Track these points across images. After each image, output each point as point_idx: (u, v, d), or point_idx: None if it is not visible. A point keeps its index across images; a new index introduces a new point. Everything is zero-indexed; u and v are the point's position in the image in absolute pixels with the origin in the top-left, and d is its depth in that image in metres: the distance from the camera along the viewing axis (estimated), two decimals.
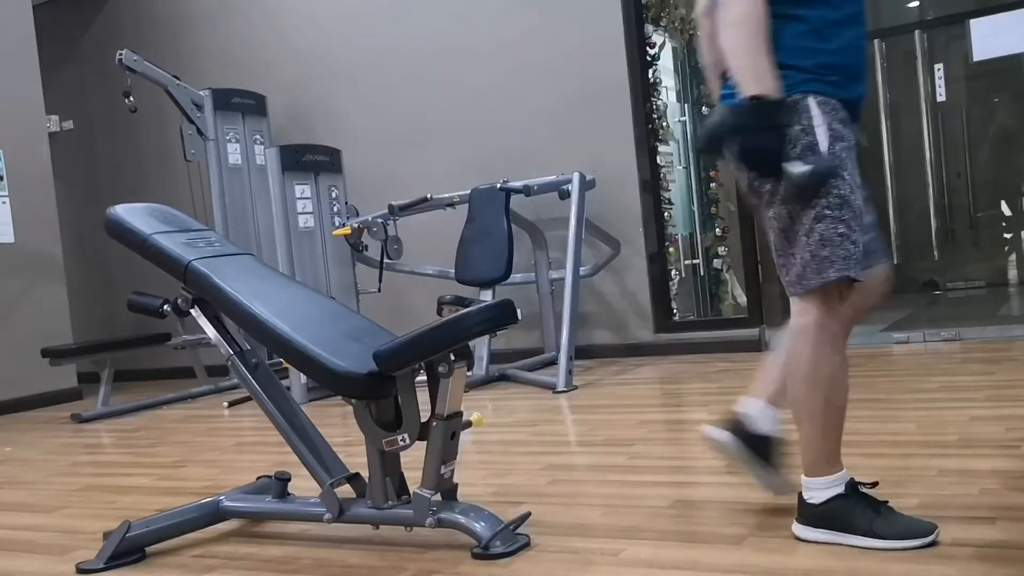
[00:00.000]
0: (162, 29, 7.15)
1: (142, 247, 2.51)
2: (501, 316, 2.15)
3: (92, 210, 7.14)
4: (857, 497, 1.94)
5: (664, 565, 1.97)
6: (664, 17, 6.12)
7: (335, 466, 2.38)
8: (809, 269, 1.89)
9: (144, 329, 5.91)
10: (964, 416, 3.06)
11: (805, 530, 1.98)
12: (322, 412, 4.52)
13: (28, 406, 6.10)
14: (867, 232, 1.97)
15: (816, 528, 1.96)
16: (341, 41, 6.46)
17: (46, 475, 3.84)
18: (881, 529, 1.89)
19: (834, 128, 1.89)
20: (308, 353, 2.22)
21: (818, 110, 1.89)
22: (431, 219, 5.62)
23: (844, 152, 1.89)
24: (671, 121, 6.15)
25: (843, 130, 1.91)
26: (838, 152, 1.88)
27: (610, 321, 5.74)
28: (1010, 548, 1.84)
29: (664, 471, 2.85)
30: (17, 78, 6.45)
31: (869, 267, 1.99)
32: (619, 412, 3.95)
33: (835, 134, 1.89)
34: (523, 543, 2.16)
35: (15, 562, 2.53)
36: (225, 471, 3.53)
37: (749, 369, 4.73)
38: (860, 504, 1.92)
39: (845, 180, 1.88)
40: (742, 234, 5.62)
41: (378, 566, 2.17)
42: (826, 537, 1.94)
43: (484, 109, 5.97)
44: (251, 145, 6.24)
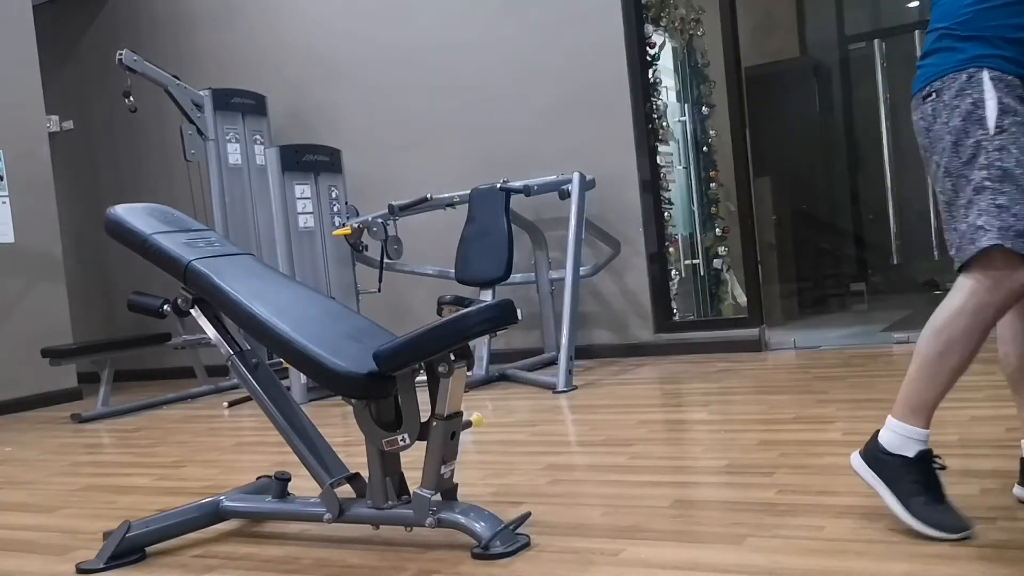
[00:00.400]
0: (162, 29, 7.15)
1: (142, 247, 2.51)
2: (501, 316, 2.15)
3: (92, 210, 7.15)
4: (920, 469, 1.96)
5: (664, 565, 1.97)
6: (664, 17, 6.12)
7: (335, 466, 2.38)
8: (965, 239, 1.90)
9: (144, 329, 5.92)
10: (964, 416, 3.06)
11: (860, 463, 2.04)
12: (322, 412, 4.52)
13: (28, 406, 6.10)
14: None
15: (870, 468, 2.02)
16: (341, 41, 6.46)
17: (46, 475, 3.84)
18: (916, 508, 1.93)
19: (1004, 103, 1.88)
20: (308, 353, 2.22)
21: (990, 84, 1.88)
22: (431, 219, 5.62)
23: (1015, 127, 1.88)
24: (671, 121, 6.15)
25: (1018, 106, 1.89)
26: (1007, 126, 1.87)
27: (610, 321, 5.74)
28: (1010, 548, 1.84)
29: (664, 471, 2.85)
30: (17, 78, 6.45)
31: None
32: (619, 412, 3.95)
33: (1005, 108, 1.88)
34: (523, 543, 2.16)
35: (15, 562, 2.53)
36: (225, 471, 3.53)
37: (749, 369, 4.75)
38: (916, 476, 1.96)
39: (1011, 153, 1.87)
40: (742, 234, 5.62)
41: (378, 566, 2.17)
42: (872, 480, 2.01)
43: (484, 109, 5.98)
44: (251, 145, 6.24)
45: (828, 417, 3.23)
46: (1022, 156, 1.88)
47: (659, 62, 5.94)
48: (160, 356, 6.62)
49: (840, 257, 7.74)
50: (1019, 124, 1.89)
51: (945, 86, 1.93)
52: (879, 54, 7.31)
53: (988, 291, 1.89)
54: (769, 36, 7.23)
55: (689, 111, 6.37)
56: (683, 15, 6.28)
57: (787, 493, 2.38)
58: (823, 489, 2.38)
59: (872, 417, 3.21)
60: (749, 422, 3.41)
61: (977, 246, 1.87)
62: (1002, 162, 1.87)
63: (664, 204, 5.83)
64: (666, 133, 5.98)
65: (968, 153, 1.90)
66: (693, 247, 6.31)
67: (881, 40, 7.41)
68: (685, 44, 6.37)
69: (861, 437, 2.92)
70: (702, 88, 6.32)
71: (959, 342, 1.93)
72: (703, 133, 6.28)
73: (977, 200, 1.88)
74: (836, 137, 7.81)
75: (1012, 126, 1.88)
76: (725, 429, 3.39)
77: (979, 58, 1.90)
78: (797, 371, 4.53)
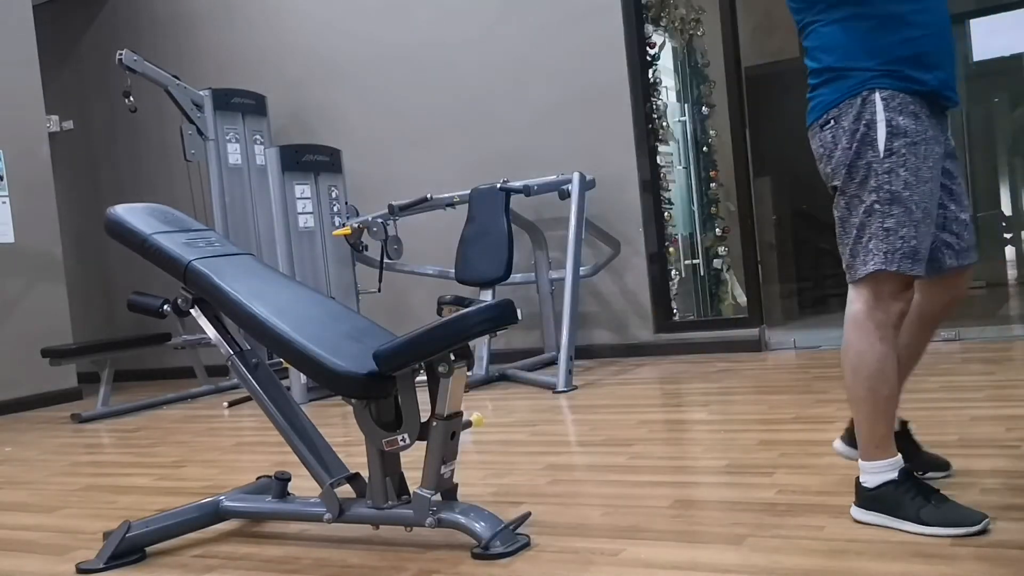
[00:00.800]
0: (162, 29, 7.15)
1: (142, 247, 2.51)
2: (501, 316, 2.15)
3: (92, 210, 7.14)
4: (909, 483, 1.98)
5: (664, 565, 1.97)
6: (664, 17, 6.12)
7: (335, 466, 2.38)
8: (857, 259, 1.99)
9: (144, 329, 5.91)
10: (964, 416, 3.06)
11: (861, 512, 2.04)
12: (322, 412, 4.52)
13: (28, 406, 6.10)
14: (939, 229, 2.03)
15: (869, 511, 2.02)
16: (341, 41, 6.46)
17: (46, 475, 3.84)
18: (928, 516, 1.93)
19: (894, 124, 1.93)
20: (308, 353, 2.22)
21: (881, 105, 1.93)
22: (431, 219, 5.62)
23: (904, 149, 1.93)
24: (671, 121, 6.15)
25: (908, 125, 1.93)
26: (896, 148, 1.92)
27: (610, 321, 5.74)
28: (1010, 548, 1.84)
29: (664, 471, 2.85)
30: (17, 78, 6.45)
31: (954, 266, 2.07)
32: (619, 412, 3.95)
33: (895, 130, 1.93)
34: (523, 543, 2.16)
35: (15, 562, 2.53)
36: (225, 471, 3.53)
37: (749, 369, 4.74)
38: (911, 491, 1.97)
39: (899, 176, 1.92)
40: (742, 234, 5.62)
41: (378, 566, 2.17)
42: (879, 520, 2.00)
43: (484, 109, 5.98)
44: (251, 145, 6.24)
45: (828, 417, 3.23)
46: (911, 178, 1.93)
47: (659, 62, 5.94)
48: (160, 356, 6.62)
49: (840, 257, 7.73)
50: (909, 145, 1.94)
51: (842, 112, 1.98)
52: None
53: (882, 311, 1.98)
54: (769, 36, 7.22)
55: (689, 111, 6.37)
56: (683, 15, 6.28)
57: (787, 493, 2.37)
58: (823, 489, 2.38)
59: None
60: (749, 422, 3.41)
61: (866, 269, 1.96)
62: (891, 185, 1.93)
63: (664, 204, 5.83)
64: (666, 133, 5.98)
65: (860, 175, 1.97)
66: (693, 247, 6.31)
67: None
68: (685, 44, 6.37)
69: None
70: (702, 88, 6.32)
71: (880, 373, 1.99)
72: (703, 133, 6.28)
73: (868, 223, 1.96)
74: None
75: (901, 148, 1.93)
76: (725, 429, 3.39)
77: (870, 80, 1.95)
78: (797, 371, 4.53)
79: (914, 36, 1.96)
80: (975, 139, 7.68)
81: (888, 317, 1.98)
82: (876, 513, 2.01)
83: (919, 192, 1.94)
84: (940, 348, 4.57)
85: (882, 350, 1.98)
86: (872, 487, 2.01)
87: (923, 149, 1.95)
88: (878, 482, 2.00)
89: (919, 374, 2.84)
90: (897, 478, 1.98)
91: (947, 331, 4.76)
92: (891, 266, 1.94)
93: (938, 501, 1.96)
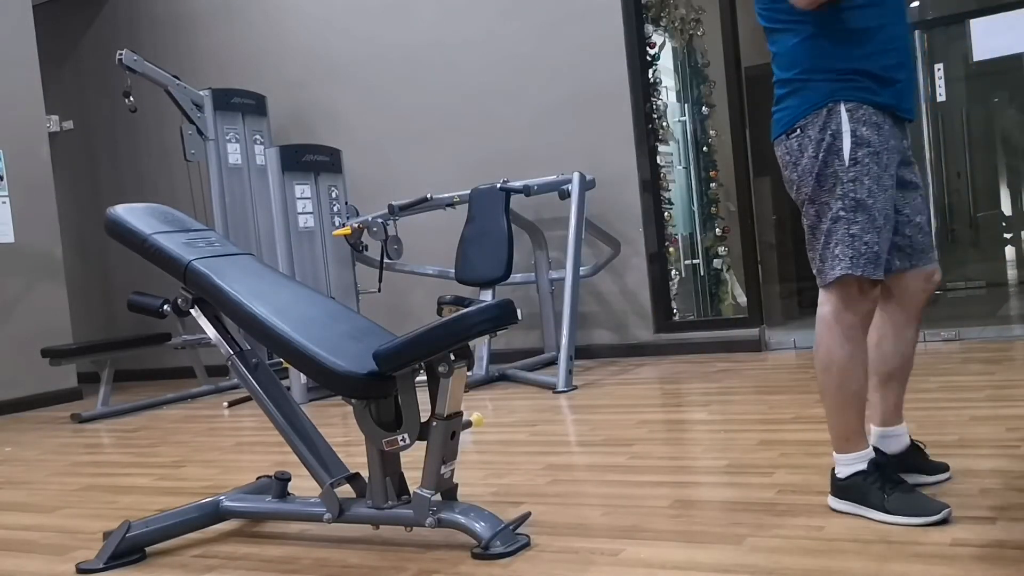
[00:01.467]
0: (162, 29, 7.15)
1: (142, 247, 2.51)
2: (501, 316, 2.15)
3: (92, 210, 7.15)
4: (877, 475, 2.08)
5: (664, 565, 1.97)
6: (664, 17, 6.12)
7: (335, 466, 2.38)
8: (826, 264, 2.08)
9: (144, 329, 5.91)
10: (964, 416, 3.06)
11: (834, 501, 2.15)
12: (322, 412, 4.52)
13: (28, 406, 6.10)
14: (901, 234, 2.13)
15: (841, 500, 2.13)
16: (341, 41, 6.46)
17: (46, 475, 3.84)
18: (892, 505, 2.03)
19: (859, 134, 2.02)
20: (308, 353, 2.22)
21: (846, 116, 2.03)
22: (431, 219, 5.62)
23: (868, 158, 2.02)
24: (671, 121, 6.15)
25: (871, 136, 2.03)
26: (860, 158, 2.02)
27: (610, 321, 5.74)
28: (1010, 548, 1.84)
29: (664, 471, 2.85)
30: (17, 78, 6.45)
31: (905, 268, 2.17)
32: (619, 412, 3.95)
33: (859, 140, 2.02)
34: (523, 543, 2.16)
35: (15, 562, 2.53)
36: (225, 471, 3.53)
37: (749, 369, 4.75)
38: (878, 482, 2.06)
39: (864, 184, 2.02)
40: (742, 234, 5.62)
41: (378, 566, 2.17)
42: (849, 509, 2.11)
43: (484, 109, 5.97)
44: (251, 145, 6.24)
45: None
46: (874, 186, 2.03)
47: (659, 62, 5.94)
48: (160, 356, 6.62)
49: None
50: (872, 155, 2.03)
51: (809, 123, 2.07)
52: None
53: (850, 312, 2.08)
54: None
55: (689, 111, 6.36)
56: (683, 15, 6.28)
57: (787, 493, 2.38)
58: (823, 489, 2.37)
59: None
60: (749, 422, 3.41)
61: (833, 274, 2.07)
62: (855, 193, 2.03)
63: (664, 204, 5.83)
64: (666, 133, 5.98)
65: (828, 184, 2.06)
66: (693, 247, 6.31)
67: None
68: (685, 44, 6.37)
69: None
70: (702, 88, 6.32)
71: (848, 369, 2.09)
72: (703, 133, 6.27)
73: (835, 229, 2.06)
74: None
75: (865, 158, 2.03)
76: (725, 429, 3.39)
77: (836, 92, 2.04)
78: (797, 371, 4.53)
79: (876, 51, 2.05)
80: (975, 139, 7.68)
81: (856, 318, 2.09)
82: (848, 502, 2.12)
83: (881, 199, 2.05)
84: (940, 348, 4.57)
85: (850, 348, 2.09)
86: (843, 477, 2.12)
87: (884, 158, 2.05)
88: (848, 473, 2.11)
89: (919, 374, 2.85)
90: (866, 469, 2.09)
91: (947, 331, 4.76)
92: (856, 270, 2.04)
93: (903, 492, 2.05)
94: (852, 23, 2.03)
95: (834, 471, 2.15)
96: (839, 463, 2.13)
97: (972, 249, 7.67)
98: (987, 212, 7.66)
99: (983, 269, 7.51)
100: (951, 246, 7.57)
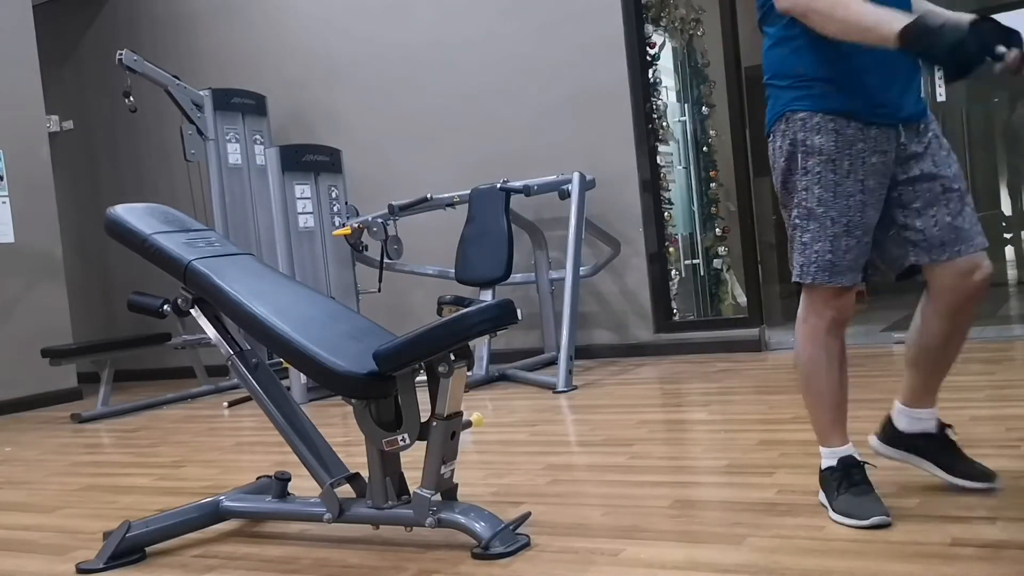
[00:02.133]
0: (162, 29, 7.15)
1: (142, 247, 2.51)
2: (501, 316, 2.15)
3: (92, 210, 7.15)
4: (841, 473, 2.12)
5: (664, 565, 1.97)
6: (664, 17, 6.12)
7: (335, 466, 2.38)
8: (792, 269, 2.16)
9: (144, 329, 5.91)
10: (964, 416, 3.06)
11: (820, 493, 2.21)
12: (322, 412, 4.52)
13: (28, 406, 6.10)
14: (913, 229, 2.09)
15: (820, 491, 2.20)
16: (341, 41, 6.46)
17: (46, 475, 3.84)
18: (838, 506, 2.10)
19: (809, 143, 2.03)
20: (308, 353, 2.22)
21: (799, 125, 2.04)
22: (431, 219, 5.62)
23: (818, 167, 2.03)
24: (671, 121, 6.15)
25: (825, 143, 2.02)
26: (810, 167, 2.04)
27: (610, 321, 5.74)
28: (1010, 548, 1.84)
29: (664, 471, 2.85)
30: (17, 78, 6.45)
31: (926, 262, 2.10)
32: (619, 412, 3.95)
33: (808, 149, 2.04)
34: (523, 543, 2.16)
35: (15, 562, 2.53)
36: (225, 471, 3.53)
37: (749, 369, 4.74)
38: (838, 479, 2.12)
39: (814, 193, 2.05)
40: (742, 234, 5.62)
41: (378, 566, 2.17)
42: (823, 500, 2.18)
43: (484, 109, 5.97)
44: (251, 145, 6.24)
45: None
46: (825, 195, 2.04)
47: (659, 62, 5.94)
48: (160, 356, 6.62)
49: None
50: (824, 163, 2.04)
51: (775, 130, 2.11)
52: None
53: (815, 316, 2.14)
54: None
55: (689, 111, 6.37)
56: (683, 15, 6.28)
57: (787, 493, 2.38)
58: None
59: (871, 417, 3.20)
60: (749, 422, 3.41)
61: (794, 278, 2.13)
62: (806, 202, 2.07)
63: (664, 204, 5.83)
64: (666, 133, 5.98)
65: (789, 191, 2.11)
66: (693, 247, 6.31)
67: None
68: (685, 44, 6.37)
69: (860, 437, 2.92)
70: (702, 88, 6.32)
71: (810, 371, 2.16)
72: (703, 133, 6.27)
73: (793, 235, 2.12)
74: None
75: (816, 167, 2.05)
76: (725, 429, 3.39)
77: (790, 101, 2.07)
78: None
79: (838, 55, 2.02)
80: (975, 139, 7.68)
81: (820, 322, 2.13)
82: (822, 493, 2.19)
83: (837, 207, 2.04)
84: None
85: (810, 350, 2.15)
86: (822, 470, 2.18)
87: (846, 164, 2.03)
88: (823, 466, 2.17)
89: None
90: (835, 466, 2.14)
91: None
92: (806, 278, 2.09)
93: (854, 494, 2.08)
94: (813, 29, 1.99)
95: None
96: (822, 455, 2.19)
97: None
98: (987, 212, 7.66)
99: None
100: None
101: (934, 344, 2.19)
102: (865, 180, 2.04)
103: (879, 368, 4.23)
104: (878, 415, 2.31)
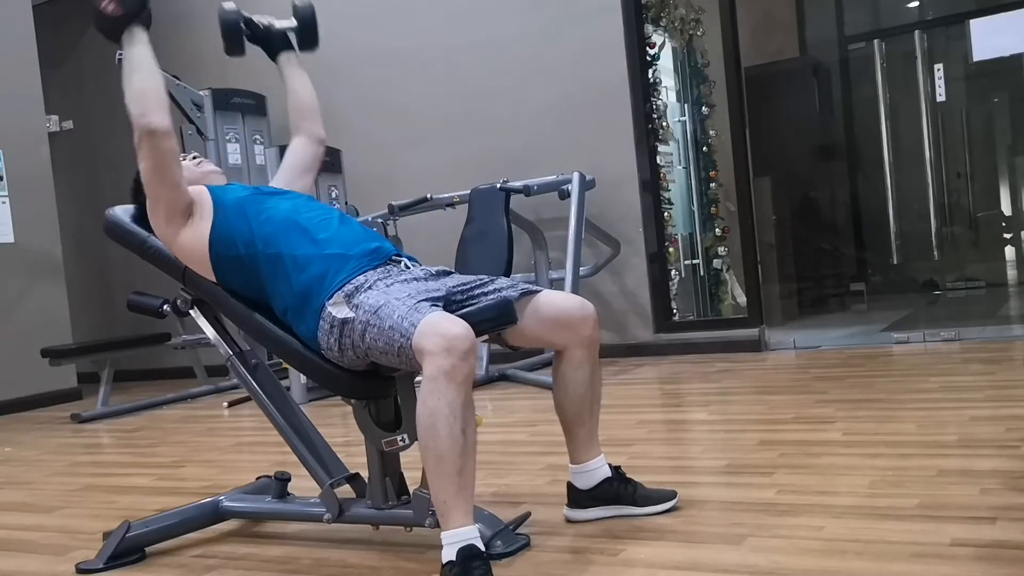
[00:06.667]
0: (162, 29, 7.07)
1: (141, 248, 2.51)
2: (500, 316, 2.15)
3: (92, 210, 7.12)
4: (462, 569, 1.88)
5: (664, 565, 1.97)
6: (664, 17, 6.12)
7: (335, 466, 2.38)
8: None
9: (144, 329, 5.91)
10: (964, 416, 3.06)
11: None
12: (322, 412, 4.52)
13: (28, 406, 6.10)
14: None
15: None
16: (341, 41, 6.43)
17: (46, 475, 3.84)
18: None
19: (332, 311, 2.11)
20: (307, 353, 2.22)
21: (331, 310, 2.10)
22: (431, 219, 5.62)
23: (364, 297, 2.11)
24: (671, 121, 6.15)
25: (358, 296, 2.11)
26: (360, 303, 2.09)
27: (610, 321, 5.73)
28: (1010, 548, 1.84)
29: (664, 471, 2.85)
30: (17, 78, 6.45)
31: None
32: (619, 412, 3.95)
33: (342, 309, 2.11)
34: (523, 543, 2.16)
35: (15, 562, 2.53)
36: (225, 471, 3.53)
37: (749, 369, 4.74)
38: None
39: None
40: (742, 234, 5.62)
41: (378, 566, 2.17)
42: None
43: (484, 109, 5.97)
44: (251, 145, 6.24)
45: (828, 417, 3.22)
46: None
47: (659, 62, 5.94)
48: (160, 356, 6.62)
49: (840, 257, 7.74)
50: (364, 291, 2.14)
51: None
52: (879, 54, 7.32)
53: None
54: (769, 36, 7.21)
55: (689, 111, 6.36)
56: (683, 15, 6.28)
57: (787, 493, 2.37)
58: (823, 489, 2.38)
59: (871, 417, 3.21)
60: (749, 422, 3.41)
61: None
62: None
63: (664, 204, 5.83)
64: (666, 133, 5.98)
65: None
66: (693, 247, 6.31)
67: (881, 40, 7.42)
68: (685, 44, 6.37)
69: (861, 437, 2.93)
70: (702, 88, 6.32)
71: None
72: (703, 133, 6.27)
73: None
74: (836, 137, 7.81)
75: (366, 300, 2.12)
76: (725, 429, 3.39)
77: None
78: (797, 371, 4.53)
79: (292, 256, 2.20)
80: (975, 139, 7.68)
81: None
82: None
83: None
84: (940, 348, 4.56)
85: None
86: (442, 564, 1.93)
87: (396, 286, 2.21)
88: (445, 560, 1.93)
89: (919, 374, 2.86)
90: (456, 559, 1.89)
91: (947, 331, 4.76)
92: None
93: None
94: (295, 250, 2.21)
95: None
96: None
97: (972, 249, 7.67)
98: (987, 212, 7.66)
99: (983, 269, 7.51)
100: (951, 246, 7.57)
101: (579, 392, 2.33)
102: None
103: (879, 368, 4.23)
104: (880, 414, 2.32)
